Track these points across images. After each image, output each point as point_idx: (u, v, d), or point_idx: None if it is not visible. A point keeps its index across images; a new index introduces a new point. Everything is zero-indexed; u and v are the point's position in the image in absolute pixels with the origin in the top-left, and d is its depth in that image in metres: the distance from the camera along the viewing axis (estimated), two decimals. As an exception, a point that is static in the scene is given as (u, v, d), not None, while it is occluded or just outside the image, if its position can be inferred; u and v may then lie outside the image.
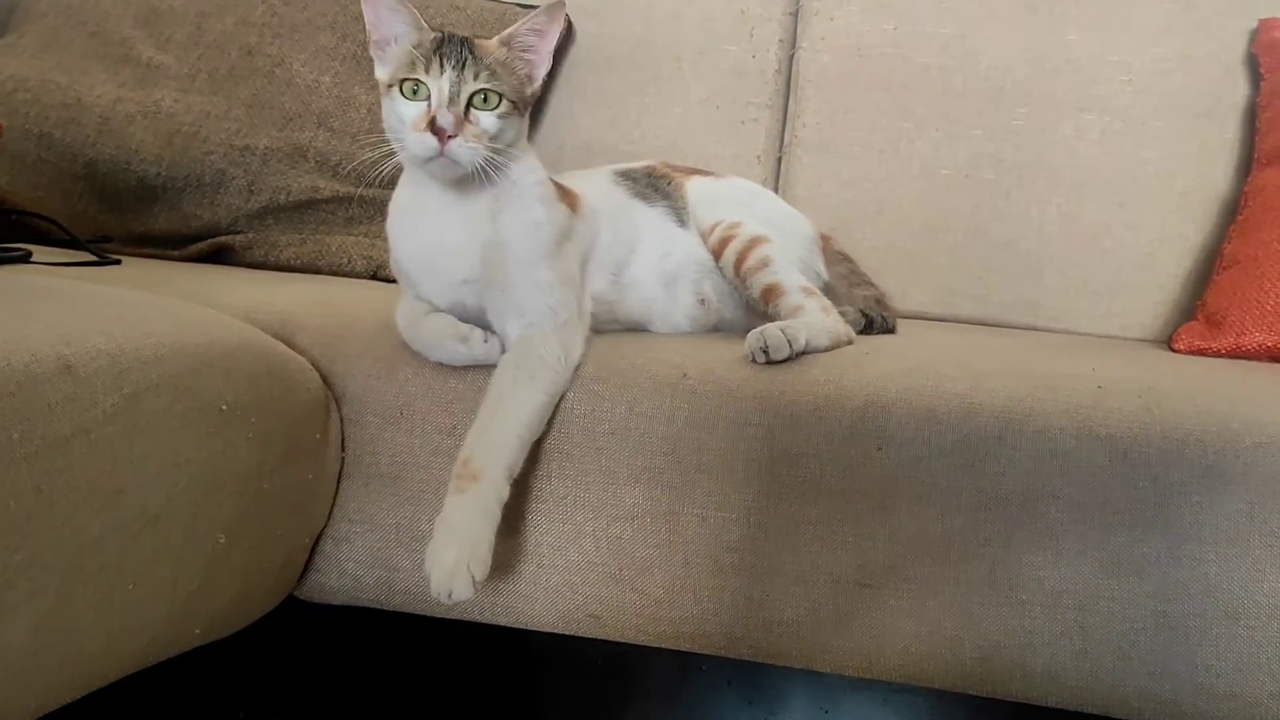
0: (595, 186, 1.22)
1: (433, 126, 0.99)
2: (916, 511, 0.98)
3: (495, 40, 1.06)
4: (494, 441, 0.97)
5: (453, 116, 0.99)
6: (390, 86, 1.03)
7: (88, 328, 0.76)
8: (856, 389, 1.01)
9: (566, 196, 1.13)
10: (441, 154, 0.99)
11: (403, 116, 1.01)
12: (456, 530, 0.92)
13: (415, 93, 1.01)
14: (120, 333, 0.78)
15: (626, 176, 1.26)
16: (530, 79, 1.08)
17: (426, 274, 1.08)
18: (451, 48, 1.01)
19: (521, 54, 1.07)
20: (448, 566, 0.90)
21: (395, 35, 1.05)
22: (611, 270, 1.18)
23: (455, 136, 0.99)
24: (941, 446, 0.97)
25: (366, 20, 1.05)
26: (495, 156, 1.02)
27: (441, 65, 1.00)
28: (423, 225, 1.07)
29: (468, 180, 1.03)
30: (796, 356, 1.06)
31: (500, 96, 1.03)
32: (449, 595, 0.90)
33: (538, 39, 1.08)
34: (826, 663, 1.00)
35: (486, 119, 1.02)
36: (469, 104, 1.01)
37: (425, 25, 1.04)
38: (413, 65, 1.01)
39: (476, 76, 1.01)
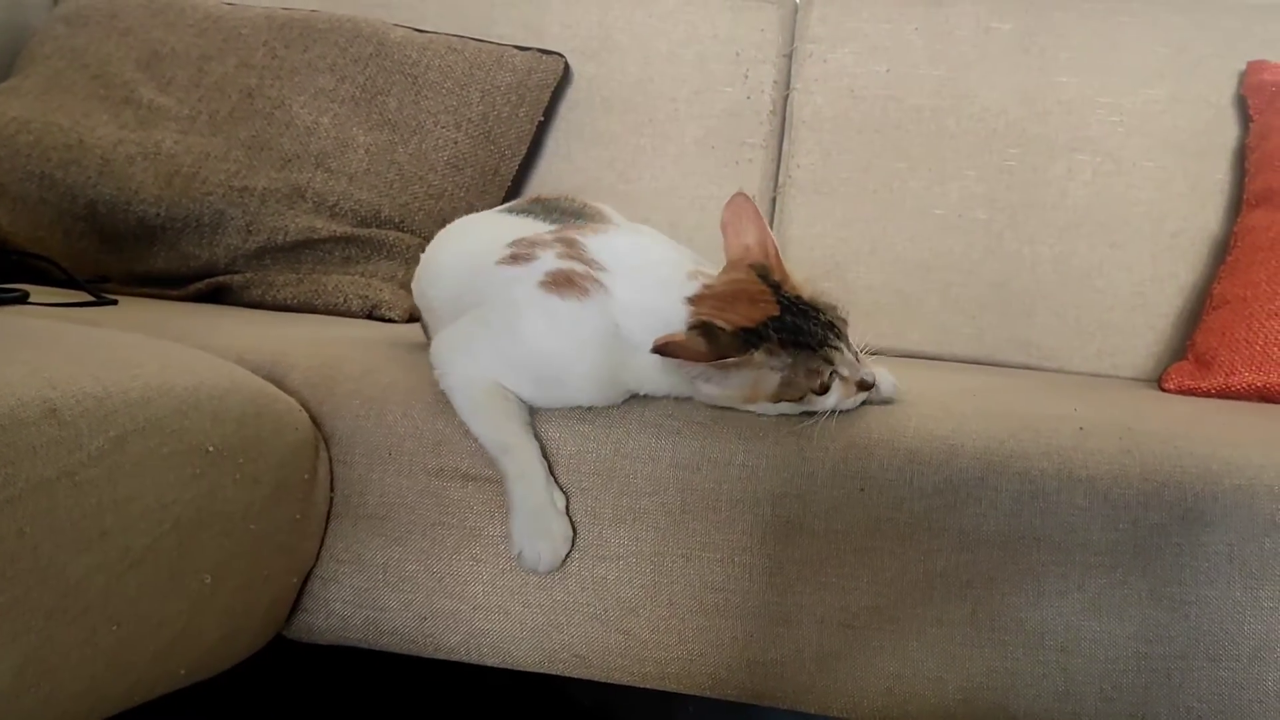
0: None
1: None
2: (899, 552, 0.98)
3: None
4: None
5: None
6: None
7: (74, 370, 0.77)
8: (839, 430, 1.01)
9: None
10: None
11: None
12: None
13: None
14: (107, 375, 0.79)
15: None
16: None
17: None
18: None
19: None
20: None
21: None
22: None
23: None
24: (923, 488, 0.98)
25: None
26: None
27: None
28: None
29: None
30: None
31: None
32: None
33: None
34: (811, 703, 1.01)
35: None
36: None
37: None
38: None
39: None
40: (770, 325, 0.96)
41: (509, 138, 1.86)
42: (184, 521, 0.84)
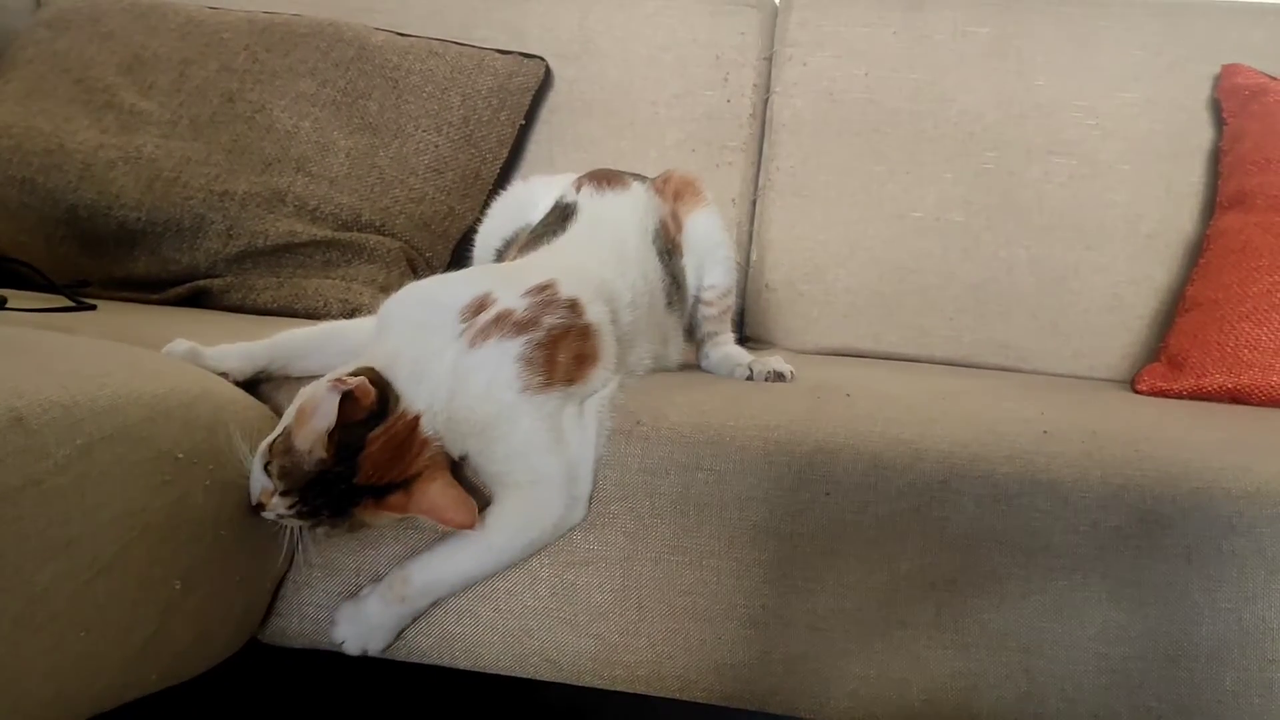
0: None
1: None
2: (863, 555, 0.99)
3: None
4: None
5: None
6: None
7: (42, 379, 0.78)
8: (805, 435, 1.02)
9: None
10: None
11: None
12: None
13: None
14: (75, 384, 0.80)
15: None
16: None
17: None
18: None
19: None
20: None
21: None
22: None
23: None
24: (888, 492, 0.99)
25: None
26: None
27: None
28: None
29: None
30: None
31: None
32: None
33: None
34: (777, 704, 1.02)
35: None
36: None
37: None
38: None
39: None
40: None
41: (490, 141, 1.86)
42: (153, 528, 0.85)
